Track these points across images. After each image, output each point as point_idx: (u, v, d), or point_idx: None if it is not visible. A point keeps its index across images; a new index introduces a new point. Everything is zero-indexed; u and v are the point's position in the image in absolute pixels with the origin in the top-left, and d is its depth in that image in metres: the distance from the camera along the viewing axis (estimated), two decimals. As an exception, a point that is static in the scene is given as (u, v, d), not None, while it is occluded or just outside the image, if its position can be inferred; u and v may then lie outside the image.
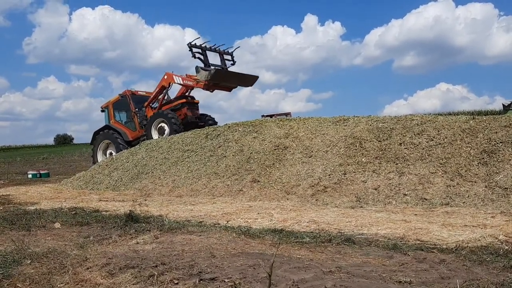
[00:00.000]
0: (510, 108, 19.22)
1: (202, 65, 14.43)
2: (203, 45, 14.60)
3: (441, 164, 8.13)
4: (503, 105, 21.32)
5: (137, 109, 16.27)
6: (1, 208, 8.18)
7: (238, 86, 15.90)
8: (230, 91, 15.60)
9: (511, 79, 77.83)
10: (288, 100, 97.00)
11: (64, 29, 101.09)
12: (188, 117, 15.03)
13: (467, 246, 4.36)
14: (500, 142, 8.07)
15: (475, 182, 7.52)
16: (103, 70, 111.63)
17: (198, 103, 15.98)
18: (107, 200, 9.40)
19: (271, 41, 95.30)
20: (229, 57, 15.33)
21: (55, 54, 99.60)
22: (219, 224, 6.05)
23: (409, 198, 7.60)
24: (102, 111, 17.27)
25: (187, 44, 14.35)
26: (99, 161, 15.97)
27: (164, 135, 14.63)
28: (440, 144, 8.60)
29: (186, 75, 15.35)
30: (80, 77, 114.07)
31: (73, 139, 76.36)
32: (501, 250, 4.14)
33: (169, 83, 15.46)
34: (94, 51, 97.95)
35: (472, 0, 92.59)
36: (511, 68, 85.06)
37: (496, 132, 8.35)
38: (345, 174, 8.73)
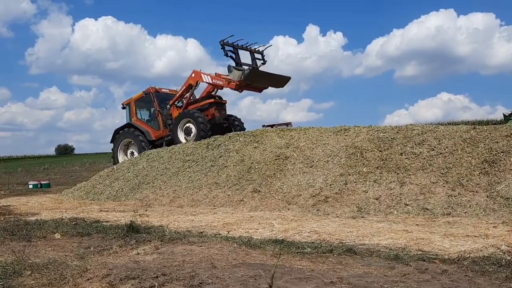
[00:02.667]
0: (511, 117, 19.26)
1: (233, 64, 13.73)
2: (235, 43, 13.85)
3: (442, 174, 8.12)
4: (503, 114, 21.38)
5: (161, 108, 15.53)
6: (2, 219, 8.17)
7: (269, 87, 15.05)
8: (260, 91, 14.91)
9: (512, 89, 78.02)
10: (290, 110, 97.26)
11: (67, 39, 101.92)
12: (215, 118, 14.41)
13: (469, 256, 4.34)
14: (501, 152, 8.07)
15: (476, 192, 7.50)
16: (105, 80, 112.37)
17: (225, 103, 15.26)
18: (107, 211, 9.38)
19: (272, 51, 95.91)
20: (259, 56, 14.56)
21: (58, 64, 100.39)
22: (220, 234, 6.03)
23: (410, 208, 7.58)
24: (123, 108, 16.62)
25: (220, 42, 13.56)
26: (120, 161, 15.52)
27: (191, 136, 14.09)
28: (441, 154, 8.59)
29: (216, 74, 14.62)
30: (82, 88, 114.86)
31: (74, 149, 76.66)
32: (504, 260, 4.12)
33: (197, 82, 14.71)
34: (97, 61, 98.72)
35: (474, 9, 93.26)
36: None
37: (497, 142, 8.35)
38: (346, 184, 8.71)
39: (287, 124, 21.56)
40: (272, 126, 19.62)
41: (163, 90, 16.21)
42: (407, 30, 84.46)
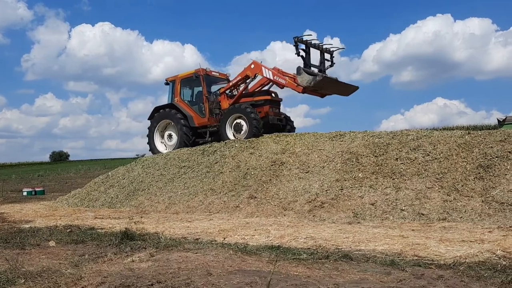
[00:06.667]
0: (505, 122, 19.37)
1: (302, 64, 12.57)
2: (309, 41, 12.64)
3: (437, 179, 8.14)
4: (498, 120, 21.49)
5: (208, 93, 14.30)
6: (-5, 227, 8.10)
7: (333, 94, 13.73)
8: (323, 97, 13.64)
9: (508, 94, 78.43)
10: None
11: (63, 46, 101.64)
12: (269, 117, 13.10)
13: (465, 261, 4.34)
14: (496, 157, 8.10)
15: (471, 197, 7.52)
16: (101, 86, 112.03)
17: (281, 101, 14.04)
18: (102, 218, 9.32)
19: (270, 56, 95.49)
20: (328, 57, 13.31)
21: (54, 70, 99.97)
22: (215, 241, 6.00)
23: (406, 213, 7.59)
24: (167, 84, 15.19)
25: (294, 38, 12.36)
26: (155, 142, 14.69)
27: (241, 134, 12.94)
28: (436, 159, 8.62)
29: (275, 68, 13.29)
30: (78, 94, 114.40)
31: (69, 156, 76.27)
32: (499, 265, 4.12)
33: (255, 74, 13.32)
34: (93, 67, 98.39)
35: (471, 15, 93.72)
36: (508, 83, 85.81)
37: (492, 147, 8.39)
38: (342, 189, 8.72)
39: None
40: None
41: (213, 73, 14.85)
42: (404, 36, 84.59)
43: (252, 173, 10.36)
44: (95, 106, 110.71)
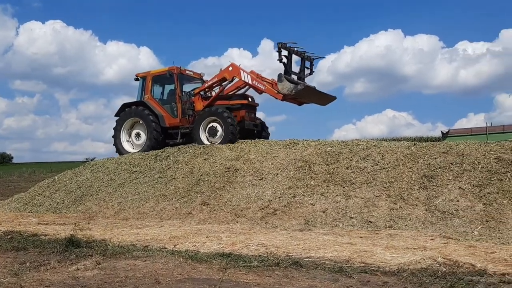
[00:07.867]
0: (448, 135, 20.46)
1: (283, 71, 12.29)
2: (292, 48, 12.34)
3: (385, 188, 8.45)
4: (441, 132, 22.65)
5: (183, 93, 13.63)
6: None
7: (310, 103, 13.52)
8: (300, 105, 13.38)
9: (451, 108, 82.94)
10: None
11: (10, 43, 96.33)
12: (245, 123, 12.67)
13: (408, 268, 4.52)
14: (439, 168, 8.53)
15: (416, 205, 7.86)
16: (50, 86, 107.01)
17: (257, 106, 13.64)
18: (47, 224, 8.91)
19: (227, 62, 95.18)
20: (308, 65, 13.07)
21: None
22: (166, 248, 5.90)
23: (355, 221, 7.81)
24: (137, 79, 14.32)
25: (278, 44, 12.10)
26: (121, 140, 13.74)
27: (216, 138, 12.44)
28: (384, 168, 8.95)
29: (252, 72, 12.84)
30: (24, 93, 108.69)
31: (12, 158, 72.28)
32: (440, 272, 4.33)
33: (233, 77, 12.89)
34: (42, 66, 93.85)
35: (420, 31, 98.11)
36: (451, 98, 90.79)
37: (435, 158, 8.83)
38: (294, 197, 8.84)
39: None
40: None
41: (187, 72, 14.21)
42: (357, 48, 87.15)
43: (206, 179, 10.29)
44: (43, 106, 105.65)
